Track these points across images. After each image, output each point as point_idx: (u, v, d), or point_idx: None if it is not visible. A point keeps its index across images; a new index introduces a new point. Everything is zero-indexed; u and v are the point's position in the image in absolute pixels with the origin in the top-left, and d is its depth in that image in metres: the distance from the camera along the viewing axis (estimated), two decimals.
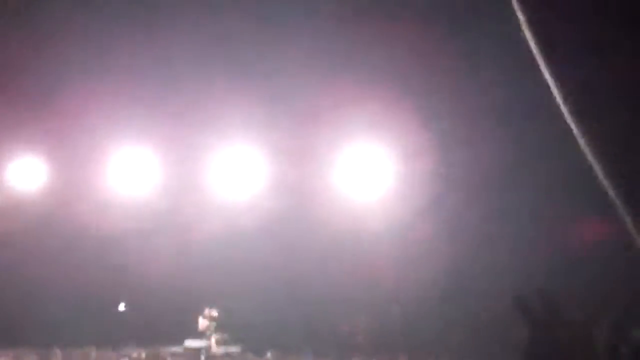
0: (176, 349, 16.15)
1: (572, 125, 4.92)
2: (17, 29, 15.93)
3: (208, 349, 16.17)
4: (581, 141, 4.82)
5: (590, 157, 4.71)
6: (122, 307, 17.13)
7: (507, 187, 15.03)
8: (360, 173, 16.32)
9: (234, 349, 16.31)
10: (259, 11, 16.03)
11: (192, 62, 16.29)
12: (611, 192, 4.57)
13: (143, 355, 15.99)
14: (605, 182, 4.60)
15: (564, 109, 5.01)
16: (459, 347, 15.41)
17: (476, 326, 15.51)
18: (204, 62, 16.21)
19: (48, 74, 16.46)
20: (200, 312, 16.36)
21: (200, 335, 16.34)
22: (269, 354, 16.18)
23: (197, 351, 16.14)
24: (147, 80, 16.43)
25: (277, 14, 15.90)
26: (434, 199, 15.69)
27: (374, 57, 15.67)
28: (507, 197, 14.95)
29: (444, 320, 15.87)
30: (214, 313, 16.35)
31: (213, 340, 16.25)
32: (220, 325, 16.30)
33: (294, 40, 15.87)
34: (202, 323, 16.31)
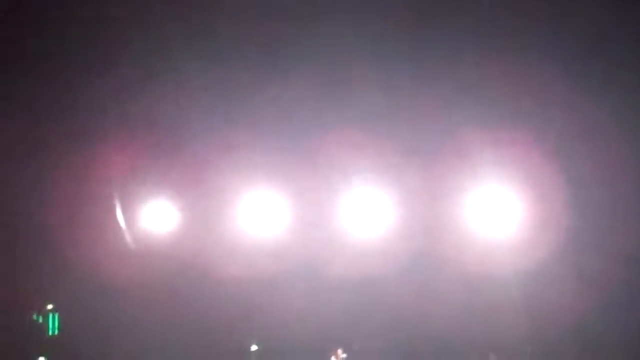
0: None
1: None
2: (154, 80, 16.51)
3: None
4: None
5: None
6: (254, 348, 17.43)
7: None
8: (490, 214, 16.35)
9: None
10: (380, 53, 16.29)
11: (318, 106, 16.62)
12: None
13: None
14: None
15: None
16: None
17: None
18: (330, 106, 16.54)
19: (180, 120, 16.99)
20: (330, 352, 16.57)
21: None
22: None
23: None
24: (275, 124, 16.82)
25: (401, 54, 16.16)
26: (565, 241, 15.65)
27: (502, 97, 15.80)
28: None
29: None
30: (344, 354, 16.55)
31: None
32: None
33: (422, 79, 16.11)
34: None
